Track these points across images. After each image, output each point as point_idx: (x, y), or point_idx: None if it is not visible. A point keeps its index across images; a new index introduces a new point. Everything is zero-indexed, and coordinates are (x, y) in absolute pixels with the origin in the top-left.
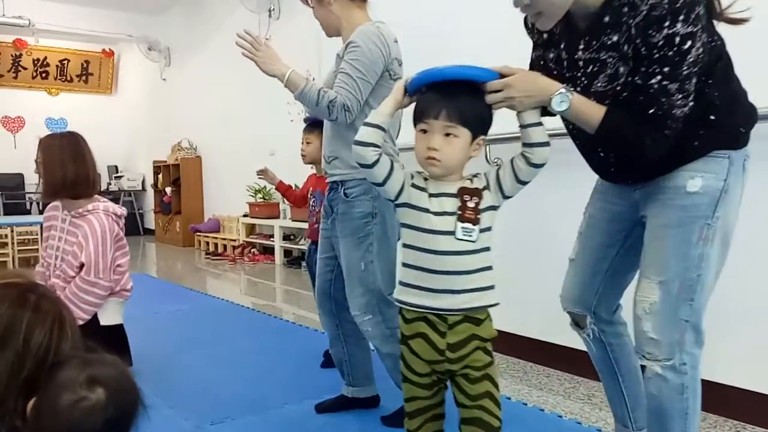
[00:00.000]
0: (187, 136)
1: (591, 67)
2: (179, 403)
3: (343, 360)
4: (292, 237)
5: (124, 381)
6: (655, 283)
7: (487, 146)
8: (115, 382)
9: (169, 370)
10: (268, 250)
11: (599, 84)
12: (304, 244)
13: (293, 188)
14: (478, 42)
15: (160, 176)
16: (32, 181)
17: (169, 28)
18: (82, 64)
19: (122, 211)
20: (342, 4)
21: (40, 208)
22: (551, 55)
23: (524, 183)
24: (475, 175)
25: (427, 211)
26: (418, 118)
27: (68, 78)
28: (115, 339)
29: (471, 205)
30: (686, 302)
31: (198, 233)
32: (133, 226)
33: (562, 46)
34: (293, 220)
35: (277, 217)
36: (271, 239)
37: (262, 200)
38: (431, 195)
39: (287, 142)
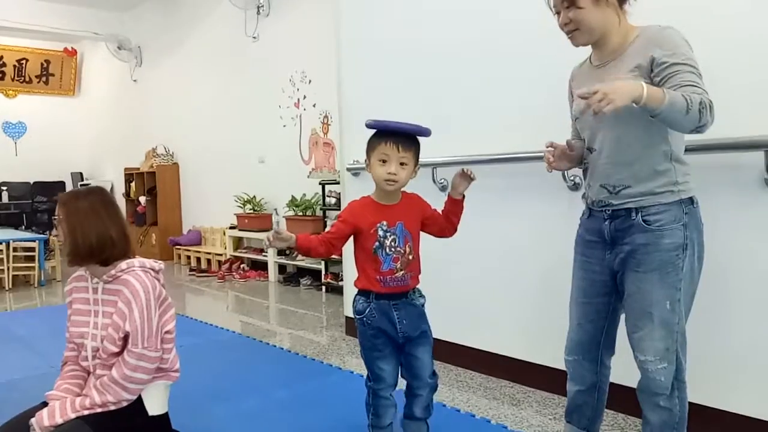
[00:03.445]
0: (163, 141)
1: None
2: None
3: (587, 406)
4: (287, 252)
5: None
6: None
7: (434, 168)
8: None
9: None
10: (257, 265)
11: None
12: (301, 260)
13: (312, 234)
14: None
15: (133, 185)
16: None
17: (140, 26)
18: (42, 64)
19: (159, 265)
20: (616, 7)
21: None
22: None
23: None
24: None
25: None
26: None
27: (27, 79)
28: (161, 431)
29: None
30: None
31: (177, 246)
32: None
33: None
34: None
35: (270, 230)
36: (263, 254)
37: (251, 211)
38: None
39: (279, 150)
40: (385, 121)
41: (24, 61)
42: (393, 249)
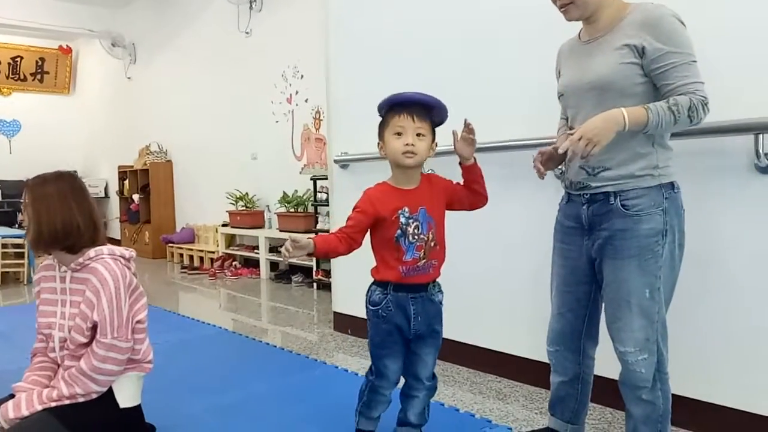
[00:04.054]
0: (156, 139)
1: None
2: None
3: (571, 398)
4: (279, 249)
5: None
6: None
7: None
8: None
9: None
10: (250, 263)
11: None
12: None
13: (326, 233)
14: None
15: (126, 182)
16: None
17: (134, 23)
18: (37, 62)
19: (130, 253)
20: None
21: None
22: None
23: None
24: None
25: None
26: None
27: (21, 77)
28: (133, 424)
29: None
30: None
31: (170, 244)
32: None
33: None
34: (281, 230)
35: (262, 227)
36: (255, 251)
37: (244, 208)
38: None
39: (271, 146)
40: (398, 93)
41: (19, 59)
42: (416, 237)
